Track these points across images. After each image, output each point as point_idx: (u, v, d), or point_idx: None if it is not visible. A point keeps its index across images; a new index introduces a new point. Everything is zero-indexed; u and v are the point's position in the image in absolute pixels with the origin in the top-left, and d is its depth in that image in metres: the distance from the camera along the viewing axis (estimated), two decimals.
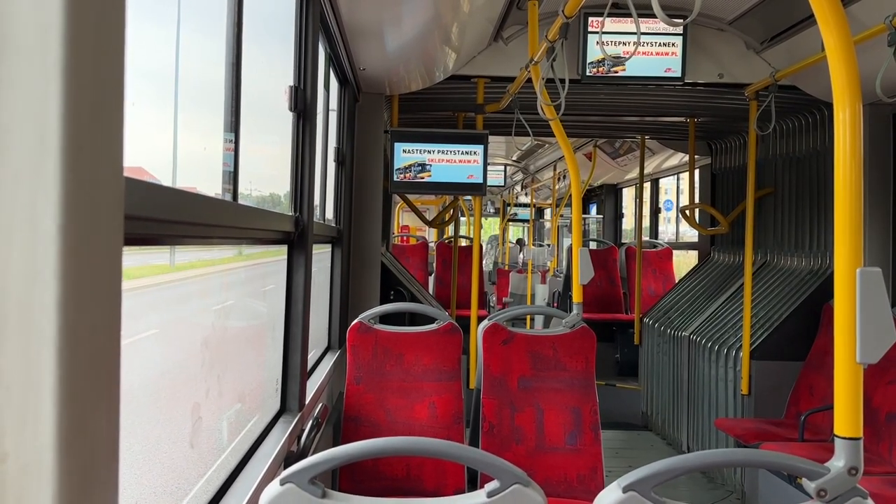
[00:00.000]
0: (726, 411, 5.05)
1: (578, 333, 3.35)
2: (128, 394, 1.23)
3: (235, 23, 1.93)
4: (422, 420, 3.31)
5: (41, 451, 0.51)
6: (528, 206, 14.29)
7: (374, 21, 3.44)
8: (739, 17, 4.32)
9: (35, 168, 0.51)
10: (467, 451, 1.58)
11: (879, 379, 3.96)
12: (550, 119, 3.58)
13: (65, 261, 0.52)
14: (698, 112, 5.59)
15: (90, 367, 0.56)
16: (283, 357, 2.61)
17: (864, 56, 2.13)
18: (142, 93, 1.38)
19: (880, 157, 4.56)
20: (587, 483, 3.18)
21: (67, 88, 0.52)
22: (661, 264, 8.56)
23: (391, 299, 5.04)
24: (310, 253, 2.70)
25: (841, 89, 1.49)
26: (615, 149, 8.35)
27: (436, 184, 4.83)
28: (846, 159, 1.47)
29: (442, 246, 9.54)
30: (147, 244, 1.45)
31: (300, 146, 2.72)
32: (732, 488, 5.02)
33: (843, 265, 1.48)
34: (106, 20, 0.57)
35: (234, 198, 1.96)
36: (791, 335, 4.79)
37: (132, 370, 1.86)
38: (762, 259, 5.66)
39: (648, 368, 6.57)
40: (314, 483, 1.43)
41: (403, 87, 4.70)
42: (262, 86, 2.66)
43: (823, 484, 1.43)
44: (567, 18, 3.09)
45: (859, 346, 1.45)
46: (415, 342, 3.39)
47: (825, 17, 1.49)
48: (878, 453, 3.85)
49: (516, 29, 4.48)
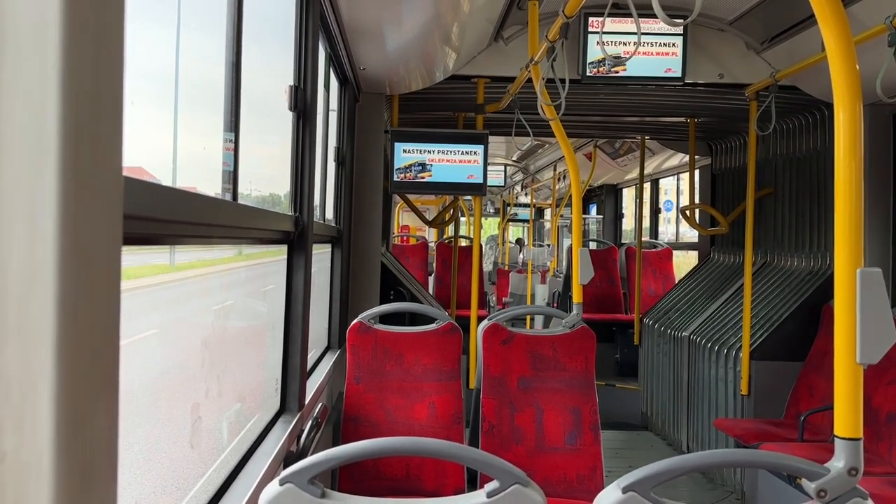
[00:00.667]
0: (726, 411, 5.04)
1: (578, 333, 3.35)
2: (127, 394, 1.23)
3: (235, 22, 1.93)
4: (421, 420, 3.31)
5: (40, 450, 0.51)
6: (528, 206, 14.29)
7: (374, 21, 3.44)
8: (740, 17, 4.32)
9: (34, 167, 0.51)
10: (467, 451, 1.58)
11: (879, 379, 3.96)
12: (550, 119, 3.58)
13: (64, 260, 0.52)
14: (698, 112, 5.59)
15: (89, 367, 0.55)
16: (283, 357, 2.61)
17: (865, 56, 2.13)
18: (141, 92, 1.38)
19: (880, 158, 4.56)
20: (587, 483, 3.18)
21: (66, 88, 0.52)
22: (661, 264, 8.56)
23: (391, 299, 5.04)
24: (310, 253, 2.70)
25: (841, 89, 1.49)
26: (615, 149, 8.36)
27: (436, 184, 4.83)
28: (846, 159, 1.47)
29: (442, 246, 9.54)
30: (146, 244, 1.45)
31: (300, 146, 2.72)
32: (732, 489, 5.02)
33: (843, 265, 1.48)
34: (105, 19, 0.57)
35: (233, 197, 1.96)
36: (791, 335, 4.79)
37: (132, 369, 1.86)
38: (762, 259, 5.66)
39: (648, 369, 6.57)
40: (314, 483, 1.43)
41: (404, 87, 4.70)
42: (262, 85, 2.66)
43: (823, 484, 1.42)
44: (567, 18, 3.09)
45: (859, 347, 1.45)
46: (414, 342, 3.39)
47: (826, 17, 1.49)
48: (878, 454, 3.85)
49: (516, 29, 4.48)
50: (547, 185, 12.37)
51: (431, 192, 5.22)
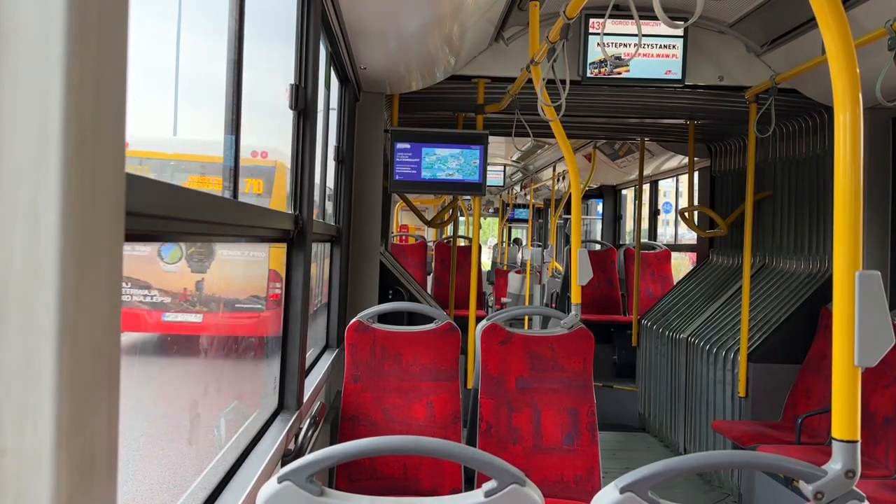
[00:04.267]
0: (723, 413, 5.05)
1: (576, 334, 3.35)
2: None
3: (237, 20, 1.93)
4: (419, 419, 3.31)
5: (41, 446, 0.51)
6: (527, 206, 14.29)
7: (375, 20, 3.44)
8: (740, 19, 4.33)
9: (36, 164, 0.51)
10: (465, 450, 1.58)
11: (877, 382, 3.97)
12: (551, 120, 3.58)
13: (66, 256, 0.52)
14: (698, 114, 5.59)
15: (90, 363, 0.56)
16: (282, 355, 2.61)
17: (865, 60, 2.13)
18: (144, 90, 1.38)
19: (880, 161, 4.56)
20: (584, 484, 3.18)
21: (69, 85, 0.52)
22: (660, 266, 8.56)
23: (389, 298, 5.05)
24: (309, 251, 2.70)
25: (841, 93, 1.49)
26: (615, 150, 8.36)
27: (435, 183, 4.83)
28: (846, 163, 1.48)
29: (441, 246, 9.54)
30: (148, 240, 1.45)
31: (300, 145, 2.72)
32: (729, 491, 5.02)
33: (841, 268, 1.48)
34: (108, 17, 0.57)
35: (234, 196, 1.96)
36: (789, 338, 4.80)
37: None
38: (760, 262, 5.66)
39: (646, 370, 6.57)
40: (311, 481, 1.43)
41: (404, 87, 4.70)
42: (263, 83, 2.66)
43: (820, 487, 1.43)
44: (568, 19, 3.09)
45: (857, 350, 1.45)
46: (413, 342, 3.39)
47: (826, 20, 1.49)
48: (874, 456, 3.86)
49: (517, 29, 4.49)
50: (546, 185, 12.37)
51: (431, 192, 5.22)
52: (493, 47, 4.55)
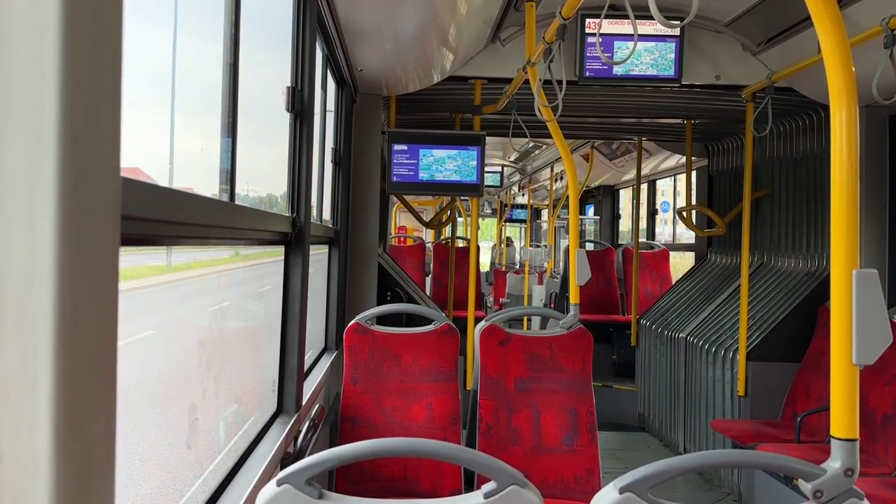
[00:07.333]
0: (723, 412, 5.05)
1: (575, 335, 3.35)
2: (124, 395, 1.22)
3: (233, 23, 1.93)
4: (419, 421, 3.31)
5: (37, 451, 0.51)
6: (525, 206, 14.30)
7: (371, 22, 3.44)
8: (736, 18, 4.33)
9: (32, 168, 0.51)
10: (464, 451, 1.58)
11: (875, 380, 3.97)
12: (548, 120, 3.58)
13: (61, 261, 0.52)
14: (695, 114, 5.60)
15: (87, 368, 0.55)
16: (280, 357, 2.61)
17: (861, 58, 2.13)
18: (139, 93, 1.38)
19: (876, 159, 4.57)
20: (584, 484, 3.18)
21: (64, 88, 0.52)
22: (658, 266, 8.56)
23: (388, 300, 5.04)
24: (307, 254, 2.70)
25: (837, 91, 1.49)
26: (612, 150, 8.36)
27: (433, 184, 4.83)
28: (843, 161, 1.48)
29: (439, 247, 9.54)
30: (144, 244, 1.45)
31: (297, 147, 2.72)
32: (729, 490, 5.02)
33: (839, 267, 1.48)
34: (103, 20, 0.57)
35: (231, 198, 1.96)
36: (787, 337, 4.80)
37: (129, 370, 1.86)
38: (759, 261, 5.67)
39: (645, 370, 6.58)
40: (311, 484, 1.43)
41: (401, 88, 4.70)
42: (260, 86, 2.66)
43: (820, 485, 1.43)
44: (564, 20, 3.09)
45: (855, 348, 1.46)
46: (412, 343, 3.39)
47: (822, 19, 1.49)
48: (874, 454, 3.86)
49: (514, 30, 4.49)
50: (544, 185, 12.38)
51: (428, 193, 5.22)
52: (490, 48, 4.55)
